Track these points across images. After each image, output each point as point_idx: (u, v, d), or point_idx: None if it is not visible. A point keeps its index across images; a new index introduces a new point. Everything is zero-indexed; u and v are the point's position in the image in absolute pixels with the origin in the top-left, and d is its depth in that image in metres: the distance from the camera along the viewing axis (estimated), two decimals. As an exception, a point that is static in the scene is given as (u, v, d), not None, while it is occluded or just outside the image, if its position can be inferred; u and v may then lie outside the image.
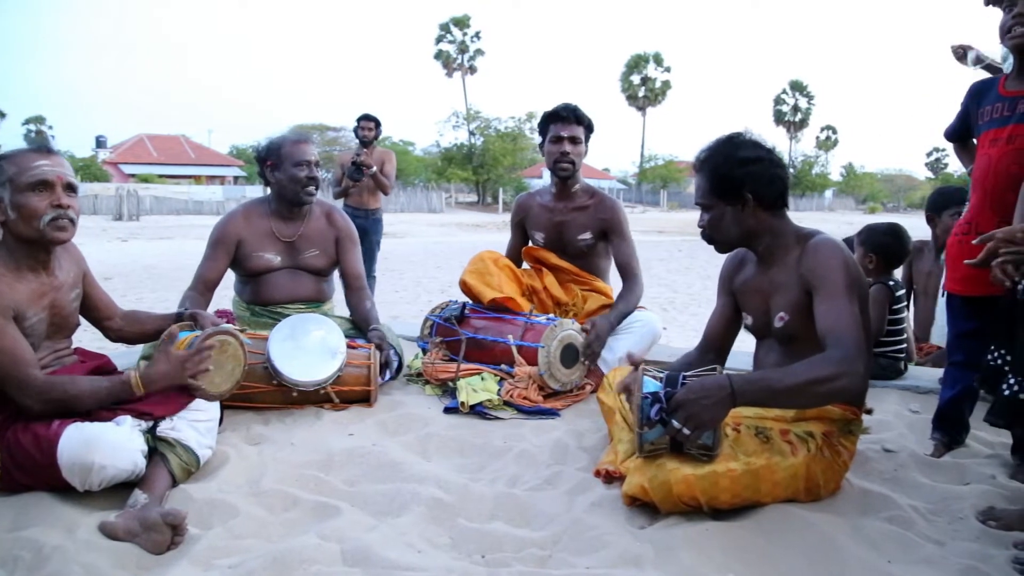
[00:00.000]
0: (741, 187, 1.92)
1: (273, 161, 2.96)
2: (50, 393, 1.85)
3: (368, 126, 5.92)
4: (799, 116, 51.00)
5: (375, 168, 5.69)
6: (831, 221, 27.15)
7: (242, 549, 1.67)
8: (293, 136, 3.03)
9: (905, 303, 3.21)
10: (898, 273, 3.28)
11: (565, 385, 2.82)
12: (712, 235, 2.02)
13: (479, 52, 41.86)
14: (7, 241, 1.93)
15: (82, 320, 2.20)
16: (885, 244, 3.09)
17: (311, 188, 2.95)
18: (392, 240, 14.99)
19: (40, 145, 1.97)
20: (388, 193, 6.02)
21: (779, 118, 51.06)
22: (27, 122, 47.52)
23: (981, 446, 2.35)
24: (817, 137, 53.01)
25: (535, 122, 3.48)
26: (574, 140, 3.19)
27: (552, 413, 2.67)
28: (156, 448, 1.92)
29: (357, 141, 6.02)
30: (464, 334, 2.99)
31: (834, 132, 52.65)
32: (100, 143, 45.38)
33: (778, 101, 51.24)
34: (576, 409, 2.74)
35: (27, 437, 1.81)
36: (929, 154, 58.10)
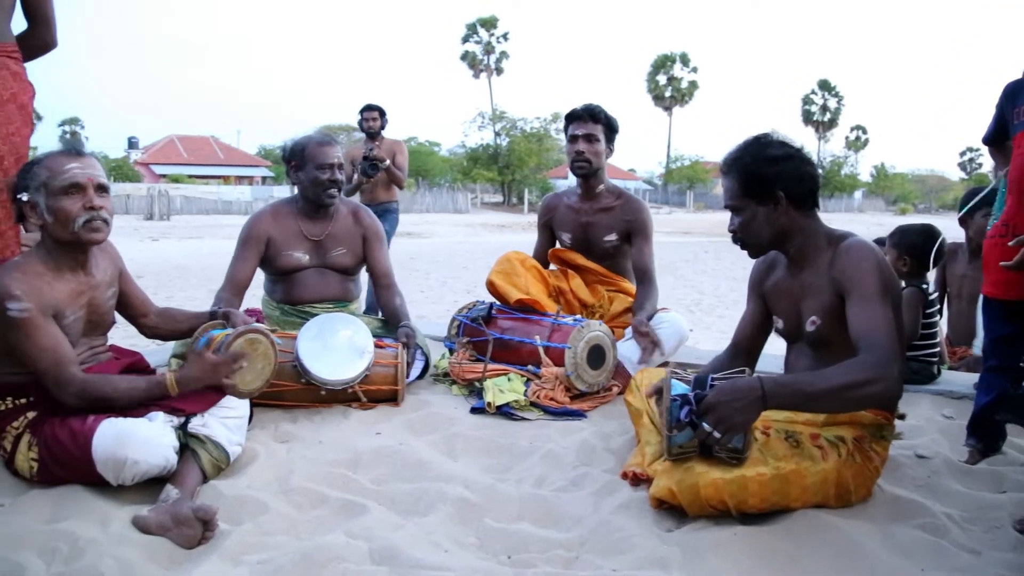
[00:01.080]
0: (772, 185, 1.89)
1: (297, 162, 2.99)
2: (89, 393, 1.89)
3: (372, 116, 5.53)
4: (828, 116, 50.34)
5: (388, 161, 5.38)
6: (861, 222, 26.75)
7: (271, 546, 1.69)
8: (317, 138, 3.04)
9: (938, 307, 3.15)
10: (931, 276, 3.23)
11: (592, 386, 2.81)
12: (744, 238, 1.99)
13: (505, 54, 41.92)
14: (46, 242, 1.97)
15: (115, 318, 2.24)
16: (919, 246, 3.03)
17: (332, 191, 2.98)
18: (418, 240, 15.04)
19: (71, 147, 1.99)
20: (402, 186, 5.66)
21: (808, 118, 50.43)
22: (63, 124, 48.68)
23: (1018, 453, 2.29)
24: (847, 137, 52.37)
25: (560, 122, 3.48)
26: (589, 138, 3.19)
27: (579, 414, 2.66)
28: (187, 444, 1.96)
29: (364, 135, 5.62)
30: (491, 334, 2.99)
31: (864, 132, 51.99)
32: (132, 144, 46.36)
33: (806, 101, 50.63)
34: (603, 411, 2.73)
35: (63, 432, 1.85)
36: (962, 154, 57.08)
